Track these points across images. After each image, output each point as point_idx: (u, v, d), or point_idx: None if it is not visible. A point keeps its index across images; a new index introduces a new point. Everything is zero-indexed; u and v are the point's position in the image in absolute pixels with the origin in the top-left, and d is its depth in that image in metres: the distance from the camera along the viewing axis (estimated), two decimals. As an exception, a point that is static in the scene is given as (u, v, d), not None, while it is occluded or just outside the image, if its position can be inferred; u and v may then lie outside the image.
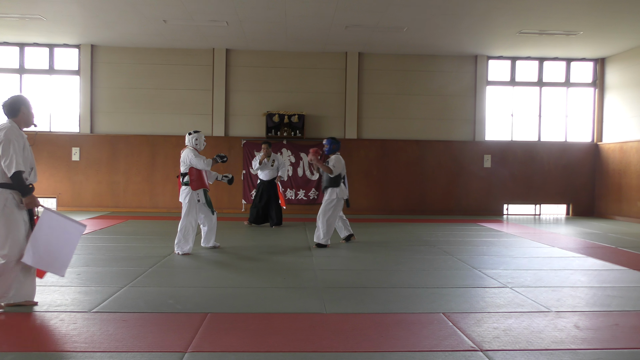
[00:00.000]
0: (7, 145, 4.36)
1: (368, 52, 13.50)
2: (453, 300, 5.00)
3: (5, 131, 4.41)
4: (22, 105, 4.58)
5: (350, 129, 13.48)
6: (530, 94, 14.07)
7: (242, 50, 13.40)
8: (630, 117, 12.95)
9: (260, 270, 6.34)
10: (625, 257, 7.52)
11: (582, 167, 13.99)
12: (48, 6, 10.22)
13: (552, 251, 8.04)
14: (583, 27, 11.07)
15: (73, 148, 13.14)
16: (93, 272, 6.02)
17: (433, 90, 13.73)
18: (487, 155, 13.75)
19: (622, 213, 13.00)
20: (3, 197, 4.37)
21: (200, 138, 7.50)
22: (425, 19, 10.65)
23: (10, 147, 4.35)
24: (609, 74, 13.78)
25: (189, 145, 7.47)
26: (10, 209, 4.38)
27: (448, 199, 13.70)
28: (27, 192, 4.43)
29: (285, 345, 3.74)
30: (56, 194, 13.15)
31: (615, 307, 4.83)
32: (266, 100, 13.41)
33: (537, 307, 4.80)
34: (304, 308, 4.72)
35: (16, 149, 4.37)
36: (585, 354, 3.64)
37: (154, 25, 11.33)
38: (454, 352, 3.63)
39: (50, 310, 4.45)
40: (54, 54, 13.29)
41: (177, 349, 3.63)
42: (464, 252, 7.83)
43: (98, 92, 13.26)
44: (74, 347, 3.62)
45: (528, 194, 13.92)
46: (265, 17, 10.68)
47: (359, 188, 13.43)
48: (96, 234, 9.07)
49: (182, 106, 13.33)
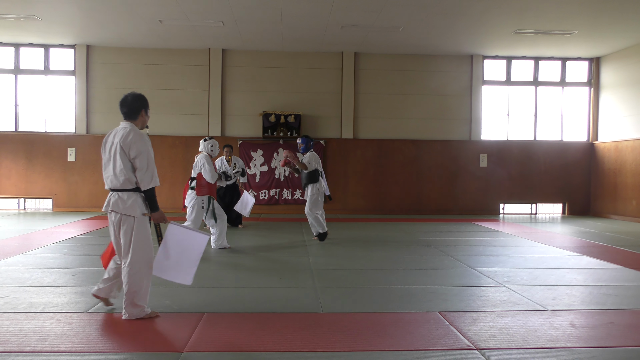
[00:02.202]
0: (146, 156, 4.14)
1: (364, 52, 13.51)
2: (449, 299, 5.00)
3: (143, 140, 4.17)
4: (143, 107, 4.32)
5: (347, 128, 13.49)
6: (526, 94, 14.10)
7: (238, 50, 13.39)
8: (625, 116, 12.99)
9: (257, 270, 6.33)
10: (621, 256, 7.54)
11: (577, 166, 14.03)
12: (43, 6, 10.19)
13: (548, 250, 8.06)
14: (578, 27, 11.10)
15: (69, 148, 13.10)
16: (89, 273, 6.00)
17: (429, 90, 13.74)
18: (484, 154, 13.77)
19: (617, 212, 13.05)
20: (140, 202, 4.21)
21: (215, 145, 7.68)
22: (421, 19, 10.66)
23: (149, 158, 4.16)
24: (604, 73, 13.82)
25: (204, 151, 7.58)
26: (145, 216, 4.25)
27: (444, 199, 13.72)
28: (157, 207, 4.27)
29: (282, 345, 3.74)
30: (52, 195, 13.11)
31: (610, 306, 4.85)
32: (262, 100, 13.40)
33: (533, 305, 4.82)
34: (301, 307, 4.72)
35: (153, 161, 4.20)
36: (580, 352, 3.65)
37: (149, 25, 11.30)
38: (450, 351, 3.64)
39: (46, 311, 4.44)
40: (50, 54, 13.25)
41: (173, 349, 3.62)
42: (460, 251, 7.84)
43: (94, 92, 13.24)
44: (70, 347, 3.61)
45: (524, 193, 13.95)
46: (261, 17, 10.67)
47: (355, 188, 13.44)
48: (92, 235, 9.05)
49: (179, 106, 13.31)
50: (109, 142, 4.26)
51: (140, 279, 4.21)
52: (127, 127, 4.24)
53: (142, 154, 4.13)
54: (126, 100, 4.29)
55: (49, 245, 7.85)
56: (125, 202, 4.17)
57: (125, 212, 4.17)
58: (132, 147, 4.13)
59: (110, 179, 4.20)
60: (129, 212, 4.17)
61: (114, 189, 4.20)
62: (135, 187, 4.19)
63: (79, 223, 10.70)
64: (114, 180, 4.19)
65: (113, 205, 4.19)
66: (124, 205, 4.17)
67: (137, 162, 4.14)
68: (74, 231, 9.41)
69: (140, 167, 4.14)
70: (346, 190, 13.39)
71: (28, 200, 13.30)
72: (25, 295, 4.96)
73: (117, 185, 4.18)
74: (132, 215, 4.18)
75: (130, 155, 4.14)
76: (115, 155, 4.17)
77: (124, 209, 4.17)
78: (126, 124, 4.27)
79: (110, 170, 4.20)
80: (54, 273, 5.95)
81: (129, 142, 4.14)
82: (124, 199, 4.18)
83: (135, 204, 4.18)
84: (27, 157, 13.07)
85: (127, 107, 4.28)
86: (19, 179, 13.08)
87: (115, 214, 4.21)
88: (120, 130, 4.24)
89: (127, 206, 4.17)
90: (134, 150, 4.13)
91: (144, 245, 4.21)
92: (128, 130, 4.21)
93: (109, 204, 4.23)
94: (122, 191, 4.18)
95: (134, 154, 4.13)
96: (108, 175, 4.23)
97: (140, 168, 4.14)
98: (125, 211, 4.17)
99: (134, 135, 4.17)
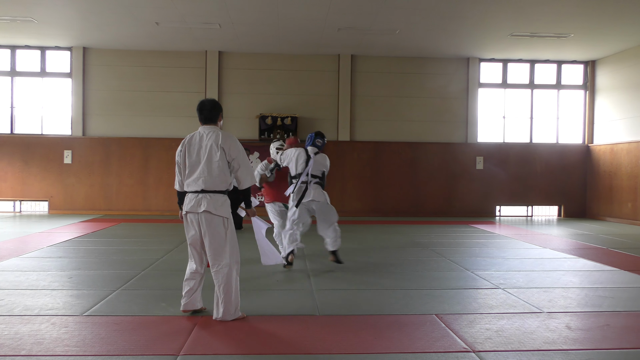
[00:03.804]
0: (244, 157, 4.35)
1: (361, 55, 13.53)
2: (446, 302, 5.01)
3: (237, 140, 4.37)
4: (220, 111, 4.48)
5: (343, 131, 13.50)
6: (522, 96, 14.14)
7: (234, 53, 13.39)
8: (620, 119, 13.05)
9: (253, 272, 6.32)
10: (617, 258, 7.57)
11: (573, 169, 14.07)
12: (39, 8, 10.18)
13: (544, 252, 8.08)
14: (574, 30, 11.15)
15: (65, 151, 13.07)
16: (85, 275, 5.99)
17: (426, 92, 13.77)
18: (480, 157, 13.80)
19: (613, 214, 13.09)
20: (229, 204, 4.33)
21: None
22: (417, 22, 10.69)
23: (246, 159, 4.35)
24: (599, 76, 13.88)
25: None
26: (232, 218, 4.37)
27: (441, 201, 13.74)
28: (251, 204, 4.59)
29: (278, 347, 3.74)
30: (48, 197, 13.08)
31: (606, 308, 4.86)
32: (259, 102, 13.40)
33: (529, 308, 4.83)
34: (297, 310, 4.72)
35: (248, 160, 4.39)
36: (576, 354, 3.66)
37: (146, 27, 11.30)
38: (446, 353, 3.64)
39: (41, 314, 4.42)
40: (46, 56, 13.22)
41: (169, 352, 3.61)
42: (456, 253, 7.85)
43: (90, 94, 13.21)
44: (66, 351, 3.60)
45: (520, 196, 13.99)
46: (257, 20, 10.68)
47: (352, 190, 13.45)
48: (88, 237, 9.03)
49: (175, 109, 13.30)
50: (196, 144, 4.33)
51: (236, 278, 4.36)
52: (218, 131, 4.37)
53: (240, 153, 4.33)
54: (205, 105, 4.43)
55: (44, 248, 7.83)
56: (217, 203, 4.26)
57: (218, 213, 4.25)
58: (232, 149, 4.29)
59: (204, 179, 4.26)
60: (222, 214, 4.27)
61: (207, 190, 4.26)
62: (225, 190, 4.31)
63: (75, 226, 10.67)
64: (208, 181, 4.26)
65: (207, 206, 4.23)
66: (216, 205, 4.25)
67: (236, 162, 4.31)
68: (70, 234, 9.39)
69: (241, 166, 4.32)
70: (343, 193, 13.39)
71: (24, 203, 13.25)
72: (20, 298, 4.94)
73: (211, 186, 4.26)
74: (226, 217, 4.29)
75: (231, 156, 4.29)
76: (212, 156, 4.26)
77: (216, 209, 4.24)
78: (213, 127, 4.39)
79: (204, 171, 4.26)
80: (49, 276, 5.93)
81: (229, 144, 4.29)
82: (217, 199, 4.26)
83: (226, 205, 4.31)
84: (23, 159, 13.03)
85: (208, 112, 4.41)
86: (15, 181, 13.04)
87: (206, 214, 4.24)
88: (211, 134, 4.33)
89: (221, 207, 4.27)
90: (234, 152, 4.30)
91: (236, 245, 4.37)
92: (221, 133, 4.34)
93: (198, 205, 4.25)
94: (215, 193, 4.27)
95: (234, 154, 4.30)
96: (200, 177, 4.27)
97: (241, 167, 4.32)
98: (218, 212, 4.25)
99: (227, 137, 4.33)
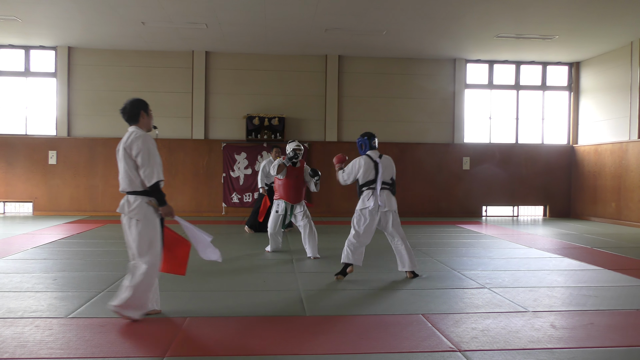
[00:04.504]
0: (147, 154, 4.25)
1: (348, 55, 13.55)
2: (432, 302, 5.03)
3: (143, 139, 4.27)
4: (141, 109, 4.43)
5: (331, 131, 13.51)
6: (508, 97, 14.27)
7: (221, 53, 13.34)
8: (604, 120, 13.21)
9: (241, 274, 6.30)
10: (601, 257, 7.66)
11: (558, 169, 14.22)
12: (24, 7, 10.05)
13: (529, 252, 8.15)
14: (558, 32, 11.27)
15: (50, 151, 12.92)
16: (70, 277, 5.92)
17: (413, 93, 13.83)
18: (466, 157, 13.89)
19: (597, 214, 13.24)
20: (144, 204, 4.30)
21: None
22: (404, 23, 10.73)
23: (150, 154, 4.26)
24: (583, 77, 14.04)
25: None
26: (152, 216, 4.32)
27: (427, 201, 13.81)
28: (165, 202, 4.36)
29: (265, 348, 3.73)
30: (32, 198, 12.92)
31: (590, 307, 4.91)
32: (246, 102, 13.37)
33: (515, 307, 4.86)
34: (284, 311, 4.71)
35: (156, 158, 4.30)
36: (561, 352, 3.69)
37: (132, 27, 11.21)
38: (433, 353, 3.66)
39: (25, 317, 4.36)
40: (30, 55, 13.07)
41: (155, 354, 3.58)
42: (443, 253, 7.89)
43: (75, 94, 13.08)
44: (50, 353, 3.56)
45: (506, 196, 14.10)
46: (244, 20, 10.65)
47: (338, 190, 13.46)
48: (73, 239, 8.93)
49: (162, 109, 13.17)
50: (119, 147, 4.40)
51: (151, 278, 4.35)
52: (130, 130, 4.40)
53: (142, 151, 4.25)
54: (125, 107, 4.46)
55: (29, 249, 7.73)
56: (131, 205, 4.30)
57: (130, 215, 4.29)
58: (133, 147, 4.27)
59: (120, 181, 4.37)
60: (133, 215, 4.29)
61: (124, 192, 4.35)
62: (141, 190, 4.29)
63: (59, 227, 10.55)
64: (122, 183, 4.35)
65: (120, 208, 4.34)
66: (129, 207, 4.30)
67: (138, 160, 4.26)
68: (54, 235, 9.28)
69: (142, 164, 4.25)
70: (330, 193, 13.40)
71: (8, 204, 13.09)
72: (3, 300, 4.87)
73: (125, 187, 4.34)
74: (137, 219, 4.28)
75: (132, 154, 4.27)
76: (122, 158, 4.32)
77: (129, 211, 4.29)
78: (131, 128, 4.43)
79: (120, 173, 4.37)
80: (33, 278, 5.85)
81: (130, 142, 4.29)
82: (130, 201, 4.31)
83: (140, 206, 4.28)
84: (7, 160, 12.86)
85: (127, 114, 4.43)
86: (-2, 182, 12.87)
87: (123, 216, 4.35)
88: (126, 135, 4.39)
89: (132, 209, 4.28)
90: (135, 149, 4.26)
91: (151, 246, 4.32)
92: (130, 132, 4.38)
93: (120, 206, 4.36)
94: (130, 194, 4.32)
95: (135, 152, 4.26)
96: (119, 179, 4.38)
97: (141, 165, 4.25)
98: (131, 214, 4.29)
99: (134, 136, 4.31)
